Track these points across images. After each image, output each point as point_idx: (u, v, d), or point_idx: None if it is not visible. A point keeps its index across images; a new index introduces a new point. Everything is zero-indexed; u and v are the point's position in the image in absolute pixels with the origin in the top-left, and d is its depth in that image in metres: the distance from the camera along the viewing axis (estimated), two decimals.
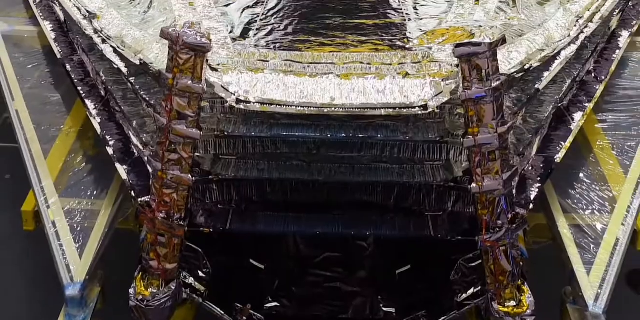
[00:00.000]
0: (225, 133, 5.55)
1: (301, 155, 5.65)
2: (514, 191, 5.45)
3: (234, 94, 5.10)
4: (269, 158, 5.70)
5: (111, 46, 6.15)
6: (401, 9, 6.31)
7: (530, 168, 5.85)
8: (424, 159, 5.64)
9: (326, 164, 5.69)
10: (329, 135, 5.46)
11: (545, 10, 6.40)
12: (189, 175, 5.24)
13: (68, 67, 6.96)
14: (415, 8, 6.44)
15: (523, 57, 5.60)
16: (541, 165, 5.94)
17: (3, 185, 8.22)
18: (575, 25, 6.21)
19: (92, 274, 5.85)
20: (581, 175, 6.51)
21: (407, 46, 5.70)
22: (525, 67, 5.58)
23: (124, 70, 6.05)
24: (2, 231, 8.09)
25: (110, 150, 6.07)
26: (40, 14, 7.66)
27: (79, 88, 6.72)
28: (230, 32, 5.90)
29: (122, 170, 5.87)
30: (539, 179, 5.83)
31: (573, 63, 6.47)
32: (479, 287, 5.59)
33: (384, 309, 5.98)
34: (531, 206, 5.61)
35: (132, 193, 5.70)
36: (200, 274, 5.84)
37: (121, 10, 6.34)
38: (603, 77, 6.82)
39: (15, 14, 8.24)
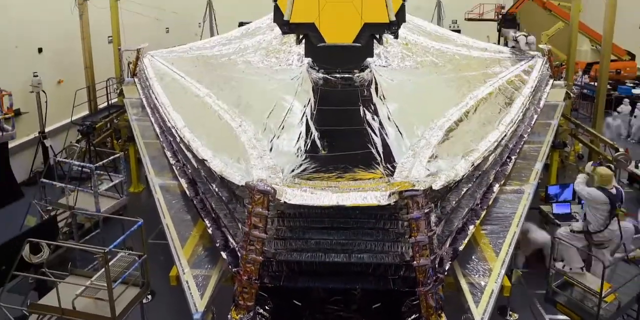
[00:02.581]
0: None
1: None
2: (437, 265, 6.18)
3: (283, 199, 5.94)
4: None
5: (218, 181, 6.80)
6: (376, 166, 6.79)
7: (445, 253, 6.54)
8: (389, 251, 6.27)
9: (334, 254, 6.32)
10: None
11: (454, 160, 7.05)
12: (260, 257, 6.06)
13: (194, 201, 7.83)
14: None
15: (439, 187, 6.24)
16: (451, 252, 6.67)
17: (159, 263, 8.73)
18: (469, 169, 6.94)
19: (208, 307, 6.56)
20: (473, 257, 7.19)
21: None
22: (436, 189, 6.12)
23: (225, 199, 6.80)
24: (159, 286, 8.62)
25: (217, 244, 6.87)
26: (178, 173, 8.54)
27: (200, 212, 7.58)
28: (282, 172, 6.62)
29: (224, 254, 6.69)
30: (450, 259, 6.56)
31: (469, 199, 7.28)
32: (418, 314, 6.19)
33: None
34: (445, 273, 6.36)
35: (230, 266, 6.46)
36: (267, 307, 6.48)
37: (220, 157, 7.10)
38: (485, 207, 7.62)
39: (165, 174, 9.16)
